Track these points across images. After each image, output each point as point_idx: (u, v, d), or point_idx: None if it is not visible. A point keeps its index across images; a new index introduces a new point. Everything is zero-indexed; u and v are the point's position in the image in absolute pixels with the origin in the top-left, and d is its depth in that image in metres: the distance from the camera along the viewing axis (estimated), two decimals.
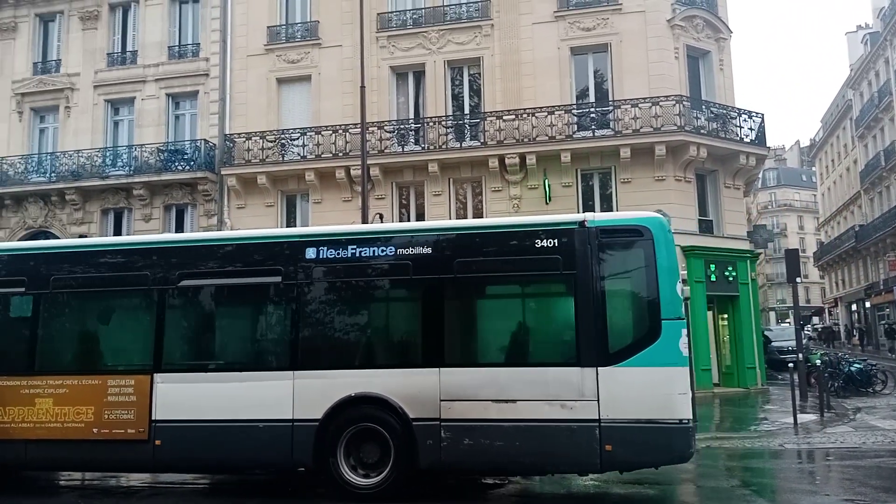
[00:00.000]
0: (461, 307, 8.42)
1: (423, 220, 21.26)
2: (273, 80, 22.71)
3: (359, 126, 19.44)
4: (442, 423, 7.72)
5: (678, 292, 7.59)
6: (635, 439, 7.29)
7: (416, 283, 8.30)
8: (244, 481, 9.42)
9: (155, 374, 8.50)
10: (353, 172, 20.96)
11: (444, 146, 20.80)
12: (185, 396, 8.40)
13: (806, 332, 24.63)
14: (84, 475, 10.12)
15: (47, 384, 8.74)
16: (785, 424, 13.79)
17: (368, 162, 15.55)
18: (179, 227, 23.06)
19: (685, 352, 7.47)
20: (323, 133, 21.55)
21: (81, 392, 8.62)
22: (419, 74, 22.09)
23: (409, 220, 21.62)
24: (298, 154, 21.74)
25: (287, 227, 22.19)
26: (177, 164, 22.48)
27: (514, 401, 7.60)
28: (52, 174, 23.21)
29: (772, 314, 69.11)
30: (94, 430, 8.46)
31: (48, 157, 23.69)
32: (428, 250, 8.27)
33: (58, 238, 22.81)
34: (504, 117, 20.50)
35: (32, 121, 24.59)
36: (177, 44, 23.82)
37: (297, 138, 21.84)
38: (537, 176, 20.42)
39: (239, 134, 22.13)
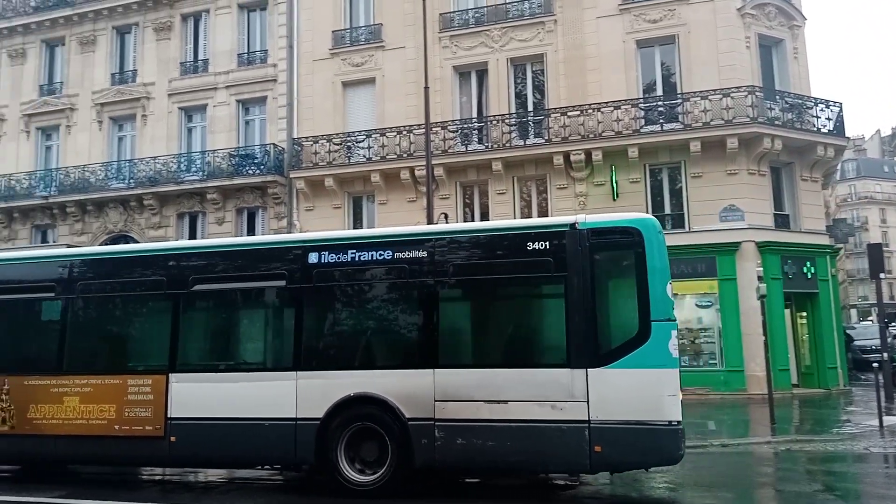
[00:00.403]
0: (455, 309, 8.56)
1: (488, 219, 21.29)
2: (338, 83, 23.06)
3: (422, 127, 19.59)
4: (436, 423, 7.85)
5: (668, 294, 7.55)
6: (624, 440, 7.31)
7: (413, 286, 8.42)
8: (311, 478, 9.54)
9: (170, 374, 8.89)
10: (417, 173, 21.11)
11: (507, 144, 20.71)
12: (198, 395, 8.77)
13: (890, 330, 23.50)
14: (164, 471, 10.48)
15: (74, 383, 9.24)
16: (869, 427, 13.16)
17: (433, 162, 15.62)
18: (251, 230, 23.69)
19: (675, 353, 7.43)
20: (387, 135, 21.76)
21: (104, 391, 9.09)
22: (482, 73, 22.06)
23: (473, 220, 21.69)
24: (364, 156, 22.03)
25: (354, 228, 22.55)
26: (247, 168, 23.08)
27: (505, 401, 7.69)
28: (131, 180, 24.18)
29: (853, 312, 66.20)
30: (116, 427, 8.92)
31: (127, 164, 24.69)
32: (423, 254, 8.39)
33: (137, 241, 23.79)
34: (569, 113, 20.26)
35: (111, 129, 25.68)
36: (246, 51, 24.47)
37: (363, 140, 22.13)
38: (604, 172, 20.11)
39: (306, 137, 22.57)
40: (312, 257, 8.76)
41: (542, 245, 7.97)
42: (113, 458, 9.43)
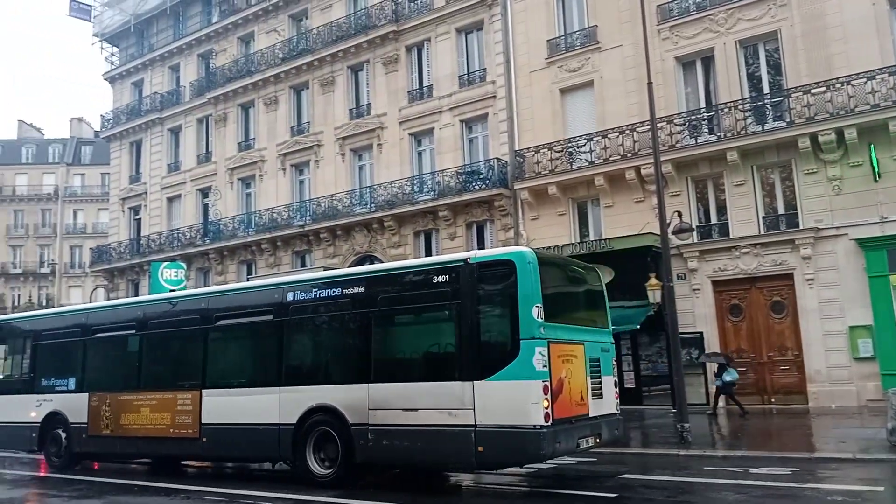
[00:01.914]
0: (382, 334, 10.12)
1: (725, 214, 20.01)
2: (556, 91, 23.11)
3: (646, 124, 18.97)
4: (370, 428, 9.56)
5: (534, 315, 8.57)
6: (500, 442, 8.56)
7: (355, 317, 10.31)
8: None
9: (202, 390, 11.47)
10: (643, 172, 20.43)
11: (743, 131, 19.29)
12: (218, 406, 11.23)
13: None
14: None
15: (147, 397, 12.23)
16: None
17: (660, 158, 14.97)
18: (480, 243, 24.48)
19: (539, 367, 8.44)
20: (609, 136, 21.34)
21: (164, 403, 11.92)
22: (707, 60, 20.82)
23: (708, 217, 20.49)
24: (586, 160, 21.80)
25: (580, 234, 22.39)
26: (474, 184, 23.93)
27: (416, 409, 9.23)
28: (372, 205, 26.22)
29: None
30: (172, 431, 11.68)
31: (367, 190, 26.83)
32: (361, 289, 10.27)
33: (381, 261, 25.69)
34: (812, 90, 18.37)
35: (352, 160, 28.08)
36: (465, 72, 25.47)
37: (584, 145, 21.92)
38: (860, 151, 17.92)
39: (528, 148, 22.88)
40: (289, 296, 11.00)
41: (443, 278, 9.49)
42: (167, 454, 12.56)
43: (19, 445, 14.56)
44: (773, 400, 19.05)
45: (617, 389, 10.45)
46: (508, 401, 8.59)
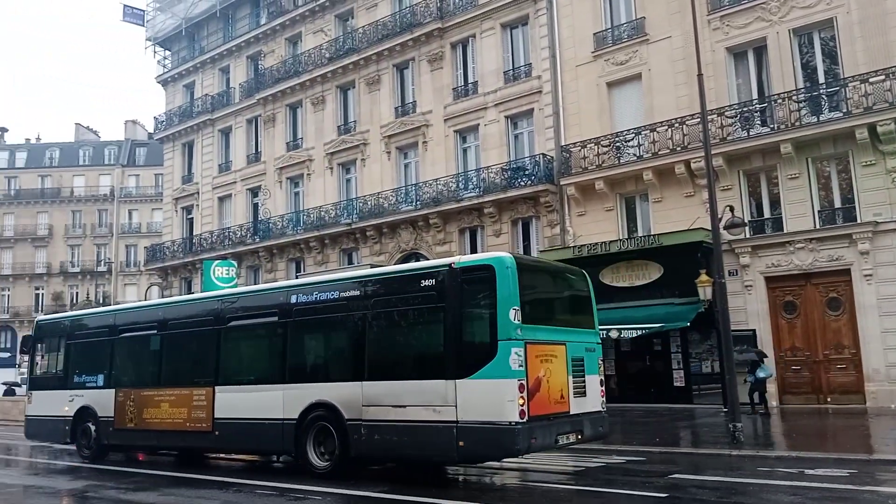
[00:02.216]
0: (375, 334, 10.54)
1: (778, 208, 19.49)
2: (602, 85, 22.82)
3: (696, 116, 18.58)
4: (363, 423, 10.05)
5: (511, 318, 8.95)
6: (479, 437, 9.01)
7: (351, 318, 10.82)
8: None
9: (215, 387, 12.16)
10: (693, 166, 20.04)
11: (797, 123, 18.74)
12: (229, 402, 11.89)
13: None
14: (465, 469, 11.13)
15: (166, 393, 13.01)
16: None
17: (710, 152, 14.64)
18: (526, 239, 24.37)
19: (515, 367, 8.82)
20: (658, 130, 20.98)
21: (182, 399, 12.63)
22: (760, 50, 20.30)
23: (762, 211, 19.99)
24: (634, 154, 21.48)
25: (628, 230, 22.08)
26: (519, 180, 23.80)
27: (404, 406, 9.70)
28: (418, 202, 26.32)
29: None
30: (188, 425, 12.40)
31: (413, 187, 26.94)
32: (357, 292, 10.80)
33: (426, 258, 25.78)
34: (871, 79, 17.74)
35: (398, 158, 28.22)
36: (511, 68, 25.34)
37: (632, 139, 21.60)
38: None
39: (574, 143, 22.65)
40: (292, 298, 11.59)
41: (430, 282, 9.93)
42: (183, 446, 13.43)
43: (54, 437, 15.49)
44: (829, 399, 18.49)
45: (603, 388, 10.72)
46: (487, 398, 9.03)
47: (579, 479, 10.34)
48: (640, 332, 19.25)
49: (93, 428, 14.22)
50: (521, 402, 8.79)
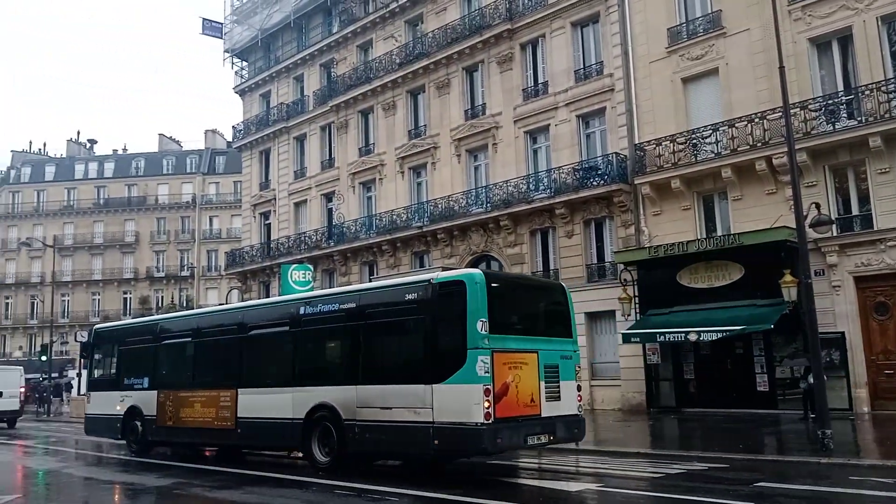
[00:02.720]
0: (367, 341, 11.71)
1: (868, 205, 18.58)
2: (678, 81, 22.25)
3: (777, 111, 17.93)
4: (356, 423, 11.17)
5: (479, 329, 9.79)
6: (450, 436, 9.94)
7: (349, 328, 11.99)
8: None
9: (238, 389, 13.55)
10: (775, 162, 19.31)
11: (887, 115, 17.79)
12: (249, 403, 13.29)
13: None
14: (541, 474, 11.02)
15: (198, 395, 14.53)
16: None
17: (794, 147, 14.05)
18: (599, 240, 24.01)
19: (481, 373, 9.69)
20: (737, 125, 20.30)
21: (211, 400, 14.11)
22: (845, 40, 19.38)
23: (850, 209, 19.09)
24: (712, 151, 20.86)
25: (706, 230, 21.46)
26: (591, 180, 23.47)
27: (391, 408, 10.74)
28: (488, 204, 26.29)
29: None
30: (216, 423, 13.87)
31: (483, 190, 26.94)
32: (353, 305, 11.99)
33: (497, 261, 25.78)
34: None
35: (468, 161, 28.28)
36: (581, 66, 25.02)
37: (709, 135, 20.98)
38: None
39: (648, 141, 22.17)
40: (300, 310, 12.87)
41: (412, 296, 10.98)
42: (212, 442, 15.05)
43: (108, 433, 17.19)
44: None
45: (580, 393, 11.57)
46: (457, 402, 9.95)
47: (659, 487, 10.08)
48: (720, 335, 18.66)
49: (139, 425, 15.84)
50: (486, 405, 9.68)
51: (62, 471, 13.89)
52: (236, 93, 40.41)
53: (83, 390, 22.21)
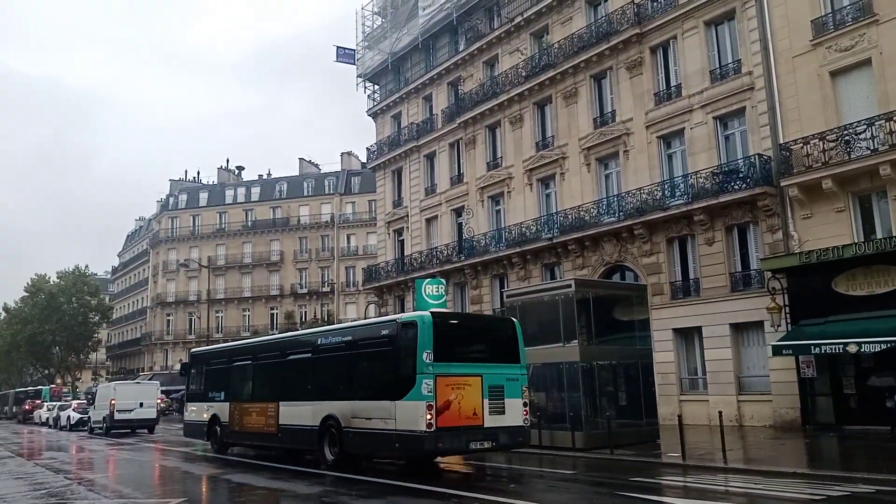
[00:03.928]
0: (358, 367, 14.90)
1: None
2: (825, 74, 20.76)
3: None
4: (351, 430, 14.16)
5: (424, 359, 12.56)
6: (405, 441, 12.73)
7: (345, 356, 15.22)
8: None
9: (280, 402, 16.90)
10: None
11: None
12: (286, 412, 16.59)
13: None
14: (686, 493, 10.51)
15: (254, 406, 18.10)
16: None
17: None
18: (742, 246, 22.80)
19: (425, 392, 12.42)
20: (895, 118, 18.64)
21: (262, 410, 17.58)
22: None
23: None
24: (867, 148, 19.24)
25: (863, 232, 19.83)
26: (733, 183, 22.33)
27: (371, 419, 13.62)
28: (620, 213, 25.64)
29: None
30: (265, 429, 17.29)
31: (615, 198, 26.32)
32: (349, 338, 15.42)
33: (632, 271, 25.08)
34: None
35: (598, 170, 27.76)
36: (717, 66, 23.95)
37: (864, 130, 19.38)
38: None
39: (794, 140, 20.81)
40: (318, 340, 16.47)
41: (385, 332, 14.10)
42: (262, 444, 18.23)
43: (198, 436, 21.19)
44: None
45: (526, 409, 13.92)
46: (409, 414, 12.67)
47: None
48: (884, 346, 17.10)
49: (218, 430, 19.61)
50: (428, 417, 12.36)
51: (192, 472, 15.74)
52: (369, 115, 41.99)
53: None
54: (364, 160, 52.53)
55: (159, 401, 34.94)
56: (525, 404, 13.81)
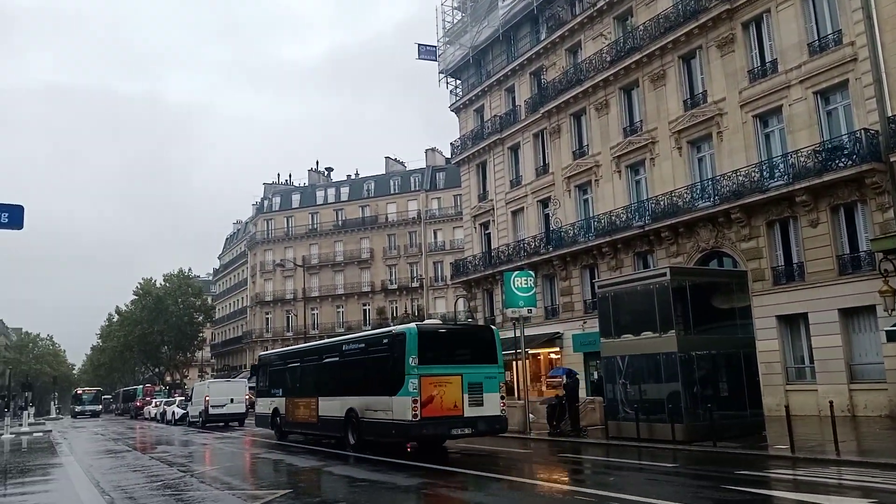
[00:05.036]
0: (368, 368, 18.01)
1: None
2: None
3: None
4: (364, 420, 17.50)
5: (411, 363, 15.81)
6: (399, 428, 15.98)
7: (359, 359, 18.67)
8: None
9: (319, 397, 20.37)
10: None
11: None
12: (323, 405, 19.96)
13: None
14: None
15: (301, 400, 21.70)
16: None
17: None
18: (850, 228, 21.56)
19: (411, 389, 15.68)
20: None
21: (307, 404, 21.15)
22: None
23: None
24: None
25: None
26: (837, 161, 21.10)
27: (376, 411, 16.95)
28: (716, 197, 24.69)
29: None
30: (309, 419, 20.87)
31: (709, 182, 25.37)
32: (362, 345, 18.97)
33: (730, 257, 24.17)
34: None
35: (690, 153, 26.84)
36: (815, 38, 22.67)
37: None
38: None
39: None
40: (344, 346, 19.95)
41: (386, 340, 17.45)
42: (307, 432, 21.77)
43: (265, 426, 24.93)
44: None
45: (503, 401, 17.06)
46: (401, 407, 15.87)
47: None
48: None
49: (278, 420, 23.34)
50: (414, 409, 15.53)
51: (291, 462, 16.52)
52: (452, 111, 42.15)
53: None
54: (448, 156, 52.79)
55: (247, 396, 36.84)
56: (502, 398, 17.01)
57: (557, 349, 32.42)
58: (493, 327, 18.68)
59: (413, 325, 16.66)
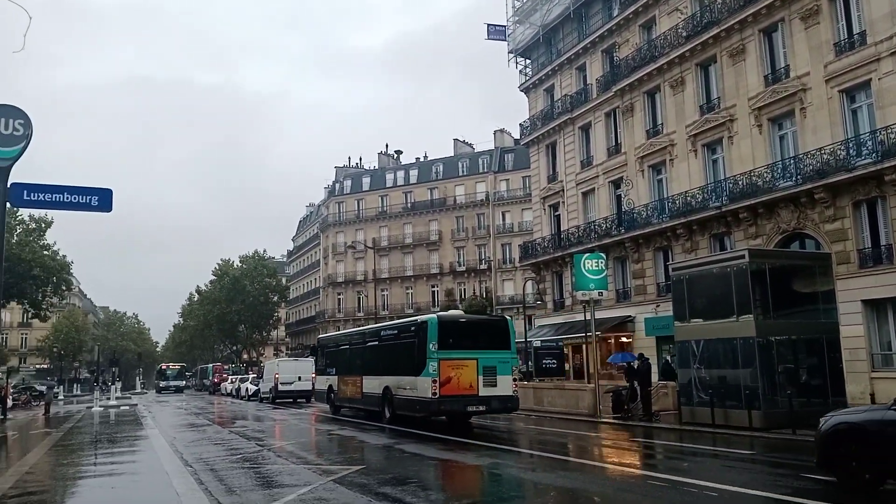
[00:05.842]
0: (399, 352, 20.24)
1: None
2: None
3: None
4: (396, 396, 19.69)
5: (432, 348, 18.04)
6: (421, 404, 18.29)
7: (393, 343, 21.17)
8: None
9: (363, 375, 22.70)
10: None
11: None
12: (366, 383, 22.27)
13: None
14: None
15: (350, 378, 24.18)
16: None
17: None
18: None
19: (431, 371, 17.85)
20: None
21: (354, 381, 23.49)
22: None
23: None
24: None
25: None
26: None
27: (405, 388, 19.17)
28: (798, 177, 23.68)
29: None
30: (356, 395, 23.29)
31: (791, 161, 24.34)
32: (395, 331, 21.47)
33: (813, 239, 23.21)
34: None
35: (771, 130, 25.78)
36: None
37: None
38: None
39: None
40: (382, 332, 22.61)
41: (412, 328, 19.80)
42: (353, 406, 24.18)
43: (323, 401, 27.45)
44: None
45: (515, 383, 19.28)
46: (423, 386, 18.06)
47: None
48: None
49: (332, 396, 25.90)
50: (433, 388, 17.74)
51: (341, 433, 18.74)
52: (521, 91, 41.71)
53: None
54: (517, 137, 52.33)
55: (314, 375, 37.74)
56: (515, 380, 19.22)
57: (629, 333, 31.91)
58: (507, 318, 21.12)
59: (434, 315, 19.43)
